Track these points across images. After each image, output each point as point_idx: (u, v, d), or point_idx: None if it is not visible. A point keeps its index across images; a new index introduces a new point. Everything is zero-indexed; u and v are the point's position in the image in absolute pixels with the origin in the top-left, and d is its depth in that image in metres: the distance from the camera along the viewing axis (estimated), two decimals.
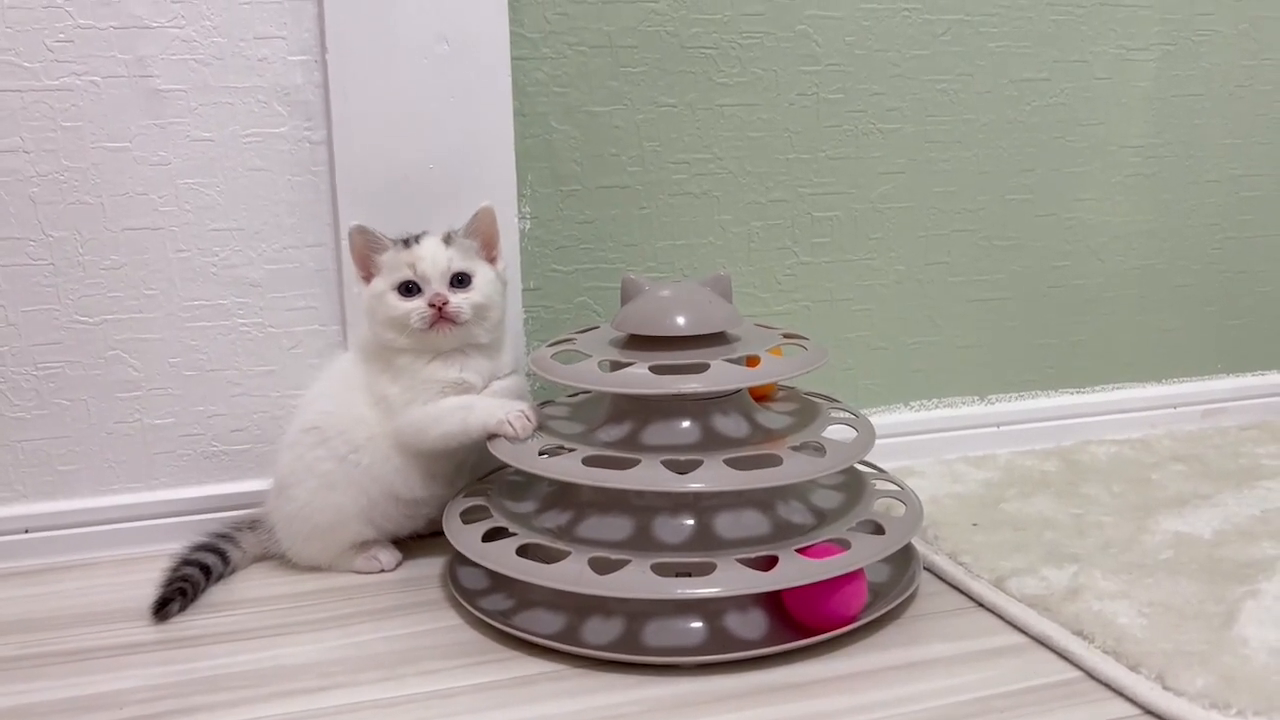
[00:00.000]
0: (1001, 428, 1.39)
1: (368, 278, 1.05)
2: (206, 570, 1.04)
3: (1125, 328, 1.44)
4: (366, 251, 1.05)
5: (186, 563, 1.04)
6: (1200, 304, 1.47)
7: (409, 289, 1.02)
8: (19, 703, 0.85)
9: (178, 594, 1.00)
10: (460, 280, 1.03)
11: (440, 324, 1.02)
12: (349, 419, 1.04)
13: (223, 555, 1.06)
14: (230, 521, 1.11)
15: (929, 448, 1.35)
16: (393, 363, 1.05)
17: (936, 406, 1.38)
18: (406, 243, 1.04)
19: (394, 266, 1.03)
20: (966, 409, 1.38)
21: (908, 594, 0.97)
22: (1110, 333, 1.43)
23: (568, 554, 0.91)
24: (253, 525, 1.10)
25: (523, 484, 1.09)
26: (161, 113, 1.09)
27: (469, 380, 1.04)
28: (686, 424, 0.98)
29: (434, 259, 1.02)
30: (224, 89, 1.10)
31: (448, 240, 1.04)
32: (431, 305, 1.01)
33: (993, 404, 1.40)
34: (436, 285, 1.02)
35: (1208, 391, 1.48)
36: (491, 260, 1.07)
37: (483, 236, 1.06)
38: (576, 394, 1.16)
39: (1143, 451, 1.35)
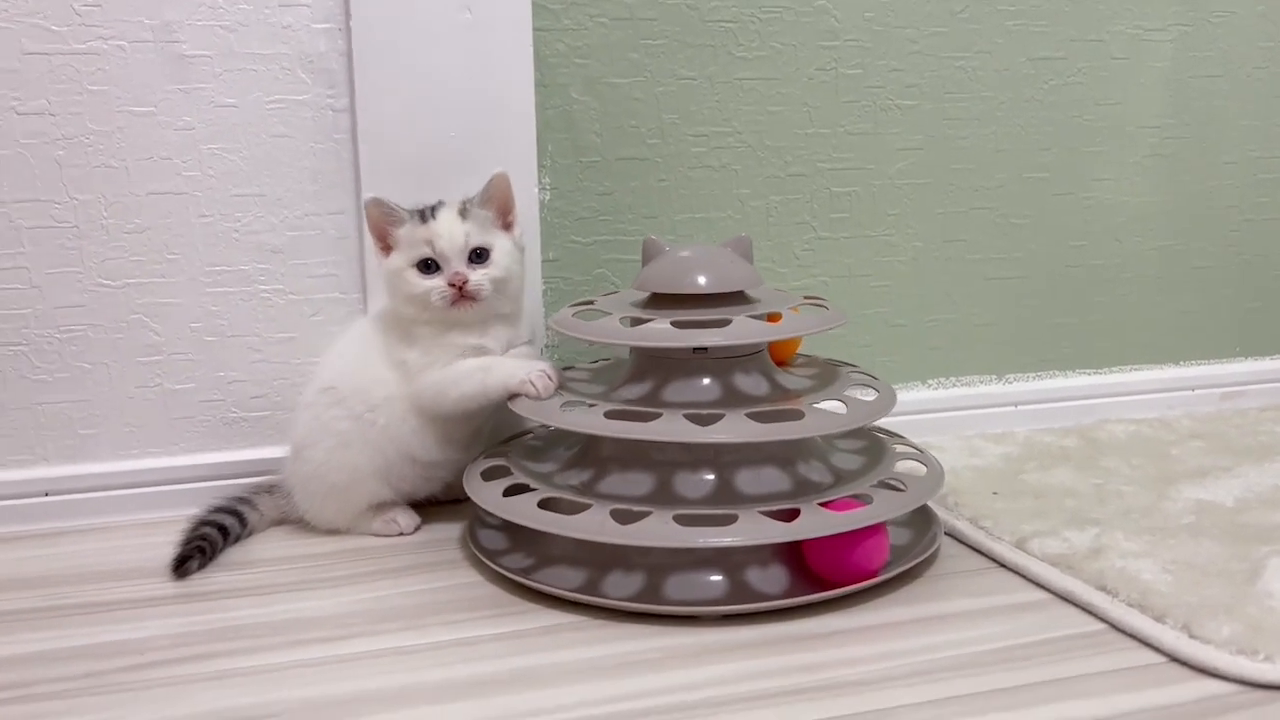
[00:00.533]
0: (1019, 407, 1.38)
1: (385, 249, 1.05)
2: (224, 531, 1.04)
3: (1143, 309, 1.44)
4: (383, 224, 1.04)
5: (204, 523, 1.04)
6: (1218, 286, 1.46)
7: (428, 266, 1.02)
8: (43, 649, 0.85)
9: (196, 551, 1.00)
10: (479, 255, 1.03)
11: (461, 301, 1.02)
12: (366, 378, 1.05)
13: (240, 517, 1.06)
14: (248, 486, 1.11)
15: (947, 425, 1.35)
16: (411, 330, 1.05)
17: (954, 385, 1.37)
18: (423, 216, 1.03)
19: (411, 242, 1.03)
20: (984, 388, 1.38)
21: (929, 552, 0.97)
22: (1128, 313, 1.43)
23: (589, 507, 0.91)
24: (270, 489, 1.10)
25: (542, 446, 1.09)
26: (186, 78, 1.10)
27: (488, 347, 1.05)
28: (707, 381, 0.98)
29: (451, 235, 1.02)
30: (248, 55, 1.11)
31: (464, 213, 1.03)
32: (451, 285, 1.01)
33: (1010, 383, 1.39)
34: (455, 263, 1.02)
35: (1226, 374, 1.47)
36: (508, 227, 1.07)
37: (498, 204, 1.06)
38: (596, 360, 1.17)
39: (1161, 430, 1.34)
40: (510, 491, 0.96)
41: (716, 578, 0.91)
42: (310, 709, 0.76)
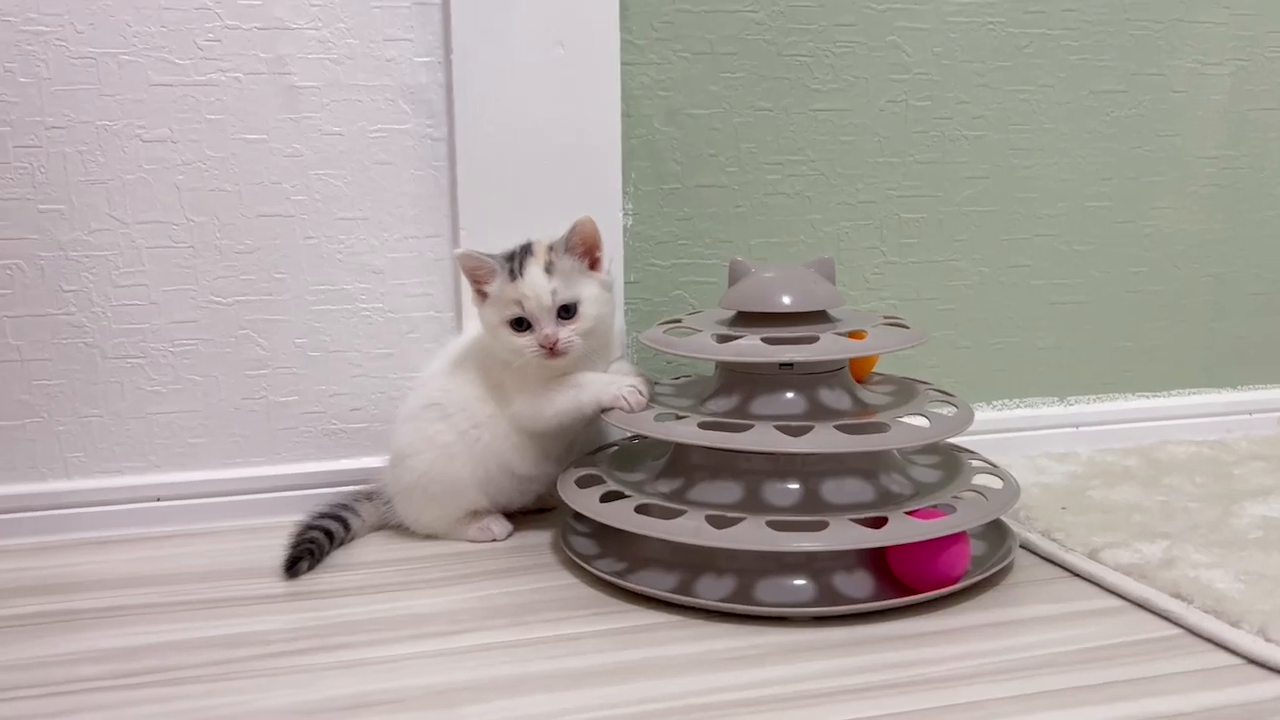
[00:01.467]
0: (1080, 428, 1.42)
1: (481, 295, 1.08)
2: (330, 535, 1.10)
3: (1201, 334, 1.48)
4: (475, 276, 1.08)
5: (311, 527, 1.10)
6: (1274, 312, 1.50)
7: (520, 323, 1.06)
8: (174, 639, 0.91)
9: (306, 553, 1.05)
10: (566, 311, 1.06)
11: (553, 356, 1.05)
12: (470, 397, 1.10)
13: (344, 523, 1.12)
14: (350, 493, 1.17)
15: (1011, 446, 1.38)
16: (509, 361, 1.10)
17: (1017, 406, 1.42)
18: (511, 272, 1.05)
19: (502, 301, 1.06)
20: (1046, 409, 1.42)
21: (1006, 562, 1.01)
22: (1186, 338, 1.47)
23: (683, 513, 0.96)
24: (370, 496, 1.16)
25: (632, 457, 1.14)
26: (297, 107, 1.17)
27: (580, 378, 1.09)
28: (792, 395, 1.03)
29: (538, 297, 1.04)
30: (354, 87, 1.18)
31: (549, 268, 1.05)
32: (542, 346, 1.04)
33: (1072, 405, 1.43)
34: (545, 323, 1.04)
35: None
36: (595, 265, 1.09)
37: (584, 247, 1.08)
38: (678, 377, 1.22)
39: (1222, 451, 1.37)
40: (605, 498, 1.02)
41: (803, 582, 0.96)
42: (434, 695, 0.81)
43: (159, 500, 1.18)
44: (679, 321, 1.11)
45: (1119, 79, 1.39)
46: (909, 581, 0.95)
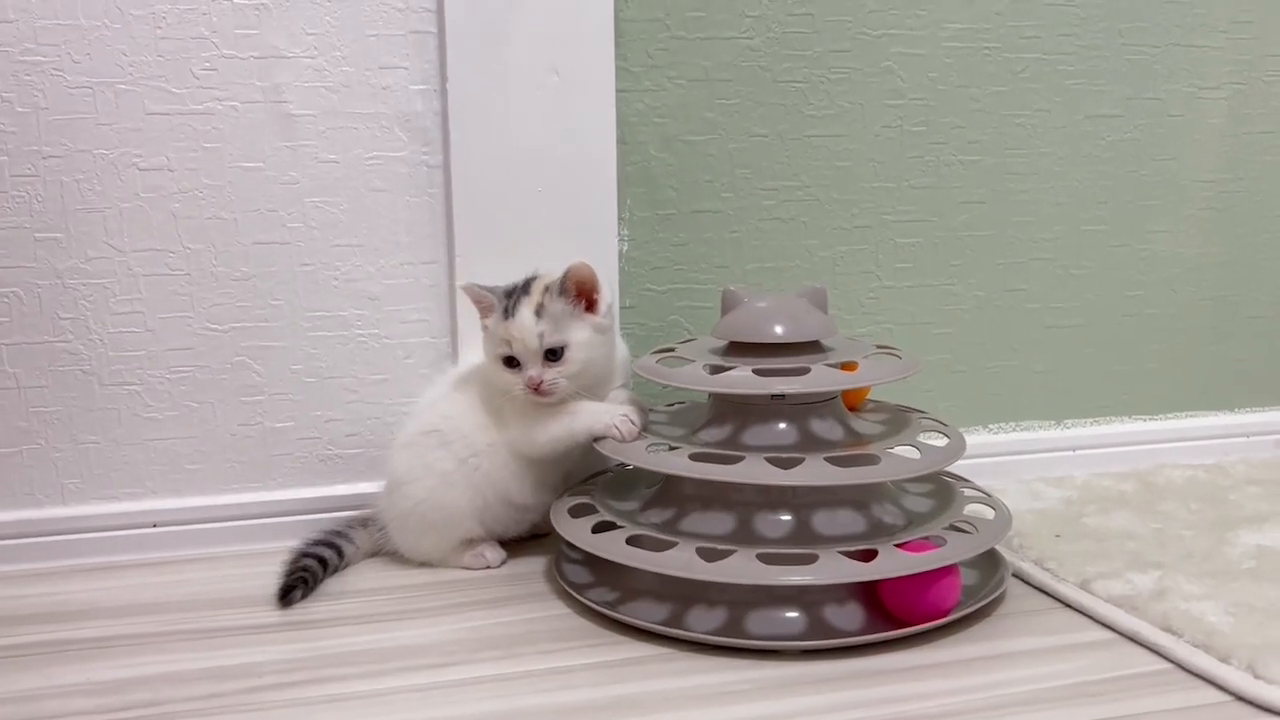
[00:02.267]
0: (1077, 451, 1.42)
1: (485, 316, 1.10)
2: (324, 563, 1.10)
3: (1197, 357, 1.48)
4: (479, 307, 1.10)
5: (305, 555, 1.10)
6: (1273, 335, 1.50)
7: (510, 361, 1.07)
8: (166, 670, 0.91)
9: (300, 582, 1.06)
10: (553, 354, 1.06)
11: (538, 395, 1.06)
12: (470, 424, 1.11)
13: (338, 550, 1.12)
14: (344, 520, 1.17)
15: (1007, 469, 1.39)
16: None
17: (1014, 429, 1.42)
18: (506, 310, 1.06)
19: (495, 337, 1.08)
20: (1043, 432, 1.43)
21: (998, 593, 1.01)
22: (1183, 361, 1.47)
23: (674, 544, 0.96)
24: (365, 523, 1.16)
25: (625, 485, 1.14)
26: (293, 136, 1.17)
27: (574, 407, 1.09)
28: (784, 426, 1.03)
29: (525, 340, 1.05)
30: (350, 114, 1.18)
31: (539, 311, 1.05)
32: (527, 386, 1.06)
33: (1068, 428, 1.44)
34: (530, 365, 1.06)
35: None
36: (591, 309, 1.08)
37: (578, 290, 1.07)
38: (673, 403, 1.22)
39: (1218, 475, 1.37)
40: (598, 529, 1.02)
41: (794, 614, 0.96)
42: None
43: (155, 526, 1.18)
44: (672, 350, 1.11)
45: (1115, 103, 1.39)
46: (900, 614, 0.95)
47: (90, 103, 1.12)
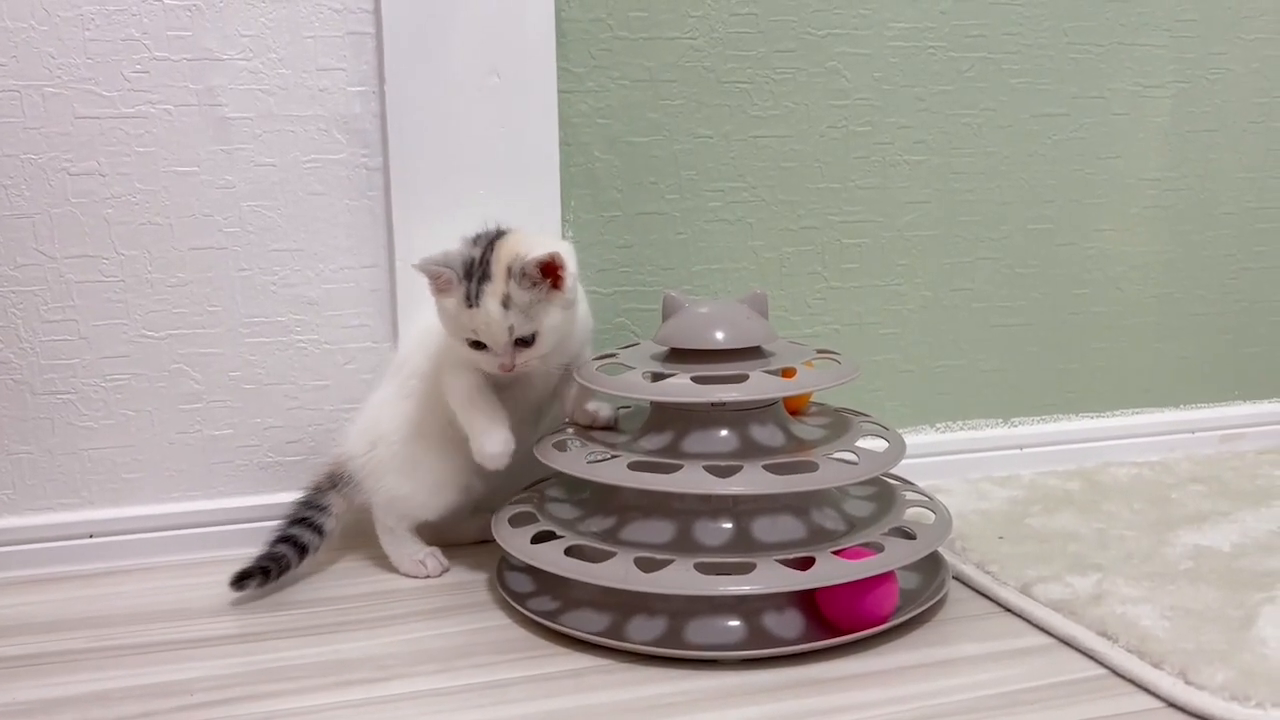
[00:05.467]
0: (1024, 449, 1.43)
1: (443, 294, 1.04)
2: (302, 549, 1.09)
3: (1143, 354, 1.48)
4: (435, 284, 1.03)
5: (281, 540, 1.09)
6: (1217, 332, 1.51)
7: (477, 344, 1.03)
8: (95, 689, 0.90)
9: (260, 571, 1.06)
10: (524, 341, 1.02)
11: (512, 373, 1.04)
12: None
13: (317, 528, 1.11)
14: (311, 485, 1.14)
15: (954, 468, 1.39)
16: None
17: (961, 428, 1.42)
18: (468, 297, 1.00)
19: (458, 323, 1.02)
20: (990, 431, 1.43)
21: (938, 598, 1.01)
22: (1129, 359, 1.48)
23: (613, 555, 0.96)
24: (335, 483, 1.13)
25: (567, 491, 1.13)
26: (229, 139, 1.15)
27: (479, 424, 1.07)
28: (725, 433, 1.02)
29: (493, 331, 1.01)
30: (287, 117, 1.16)
31: (506, 301, 1.00)
32: (500, 370, 1.03)
33: (1016, 426, 1.44)
34: (501, 353, 1.02)
35: (1225, 417, 1.52)
36: (557, 285, 1.02)
37: (544, 271, 1.02)
38: (621, 407, 1.22)
39: (1162, 473, 1.39)
40: (537, 538, 1.01)
41: (735, 623, 0.95)
42: None
43: (91, 537, 1.16)
44: (614, 356, 1.10)
45: (1060, 102, 1.39)
46: (837, 621, 0.95)
47: (17, 106, 1.10)
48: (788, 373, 1.02)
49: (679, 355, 1.05)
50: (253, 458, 1.21)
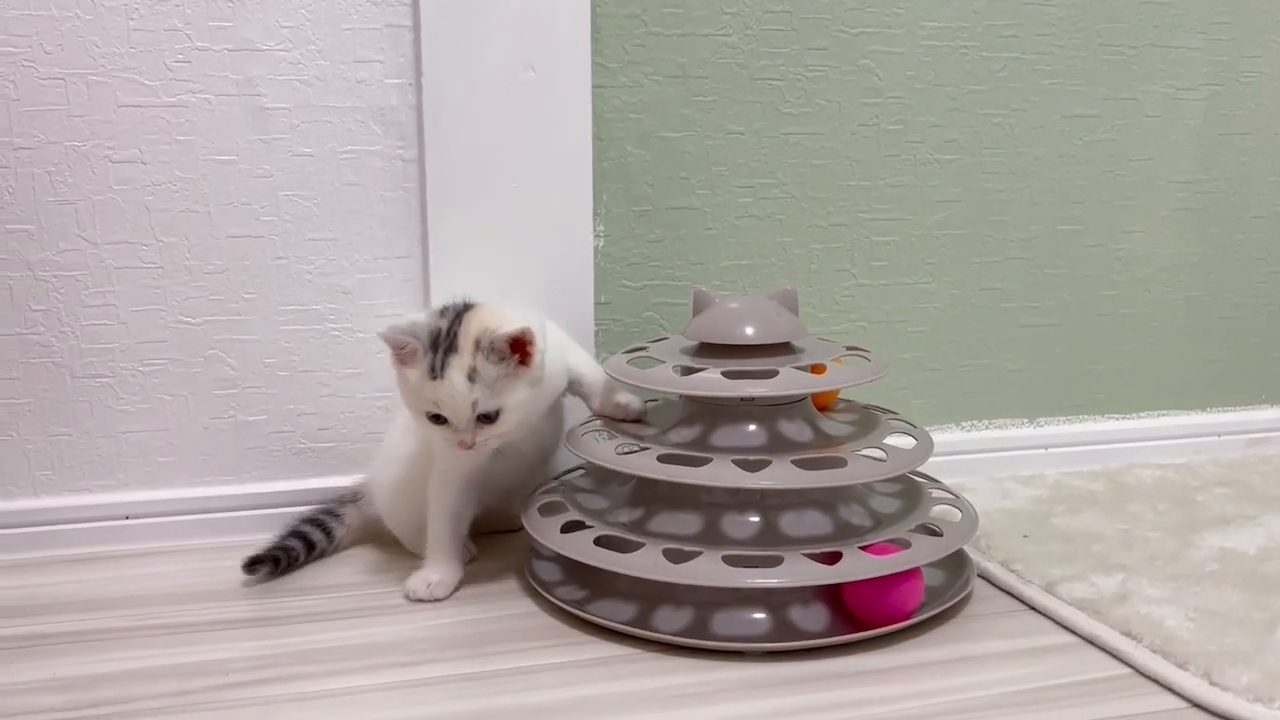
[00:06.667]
0: (1050, 449, 1.43)
1: (405, 365, 0.99)
2: (310, 545, 1.12)
3: (1171, 356, 1.48)
4: (398, 354, 0.99)
5: (293, 534, 1.12)
6: (1245, 335, 1.51)
7: (437, 418, 0.99)
8: (133, 667, 0.92)
9: (271, 560, 1.08)
10: (487, 418, 0.98)
11: (474, 449, 1.00)
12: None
13: (327, 530, 1.14)
14: (333, 496, 1.18)
15: (979, 467, 1.40)
16: None
17: (987, 427, 1.43)
18: (433, 368, 0.96)
19: (420, 395, 0.98)
20: (1016, 430, 1.43)
21: (962, 595, 1.02)
22: (1156, 361, 1.48)
23: (642, 545, 0.97)
24: (355, 498, 1.17)
25: (596, 483, 1.15)
26: (267, 129, 1.17)
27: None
28: (753, 428, 1.03)
29: (456, 406, 0.97)
30: (325, 108, 1.18)
31: (472, 375, 0.96)
32: (460, 446, 0.99)
33: (1041, 426, 1.44)
34: (462, 428, 0.98)
35: (1251, 421, 1.52)
36: (525, 361, 0.98)
37: (513, 346, 0.98)
38: (649, 400, 1.23)
39: (1187, 475, 1.39)
40: (567, 528, 1.02)
41: (760, 615, 0.96)
42: None
43: (128, 518, 1.19)
44: (644, 349, 1.11)
45: (1092, 103, 1.39)
46: (862, 616, 0.96)
47: (62, 94, 1.11)
48: (817, 369, 1.03)
49: (709, 350, 1.06)
50: (285, 444, 1.22)
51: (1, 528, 1.15)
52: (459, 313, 1.00)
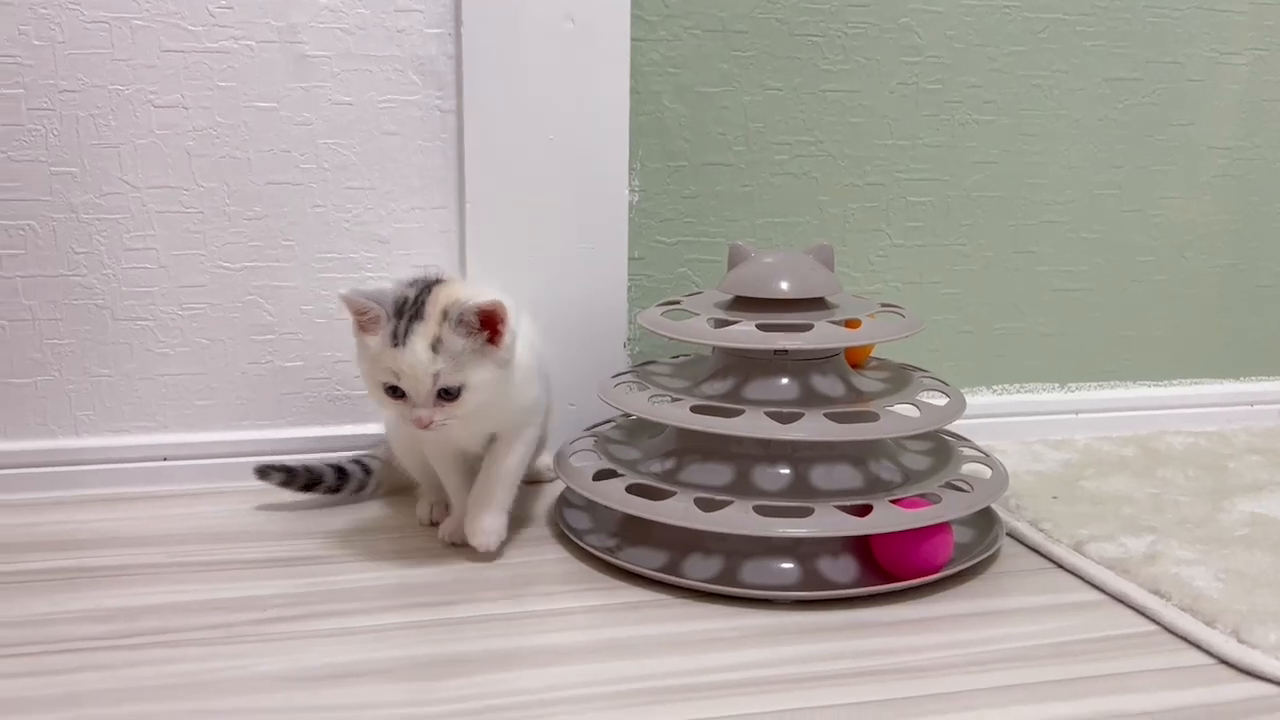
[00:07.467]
0: (1080, 415, 1.43)
1: (366, 331, 0.95)
2: (343, 474, 1.16)
3: (1205, 324, 1.48)
4: (360, 320, 0.95)
5: (328, 464, 1.16)
6: None
7: (394, 391, 0.94)
8: (174, 600, 0.94)
9: (284, 470, 1.13)
10: (448, 394, 0.94)
11: (424, 429, 0.95)
12: None
13: (366, 469, 1.18)
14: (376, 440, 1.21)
15: (1010, 430, 1.40)
16: None
17: (1018, 391, 1.43)
18: (394, 335, 0.92)
19: (379, 363, 0.93)
20: (1047, 395, 1.43)
21: (991, 551, 1.03)
22: (1190, 328, 1.47)
23: (673, 494, 0.98)
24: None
25: (630, 430, 1.16)
26: (307, 77, 1.18)
27: None
28: (786, 381, 1.04)
29: (416, 376, 0.92)
30: (365, 57, 1.18)
31: (436, 345, 0.92)
32: (415, 424, 0.94)
33: (1073, 391, 1.44)
34: (420, 403, 0.93)
35: None
36: (495, 341, 0.94)
37: (483, 321, 0.94)
38: (677, 355, 1.23)
39: (1219, 443, 1.38)
40: (599, 476, 1.04)
41: (789, 565, 0.97)
42: (419, 667, 0.83)
43: (166, 460, 1.21)
44: (678, 303, 1.12)
45: (1134, 66, 1.38)
46: (891, 569, 0.96)
47: (106, 38, 1.12)
48: (851, 324, 1.03)
49: (744, 303, 1.07)
50: (321, 390, 1.24)
51: (43, 465, 1.18)
52: (429, 285, 0.96)
